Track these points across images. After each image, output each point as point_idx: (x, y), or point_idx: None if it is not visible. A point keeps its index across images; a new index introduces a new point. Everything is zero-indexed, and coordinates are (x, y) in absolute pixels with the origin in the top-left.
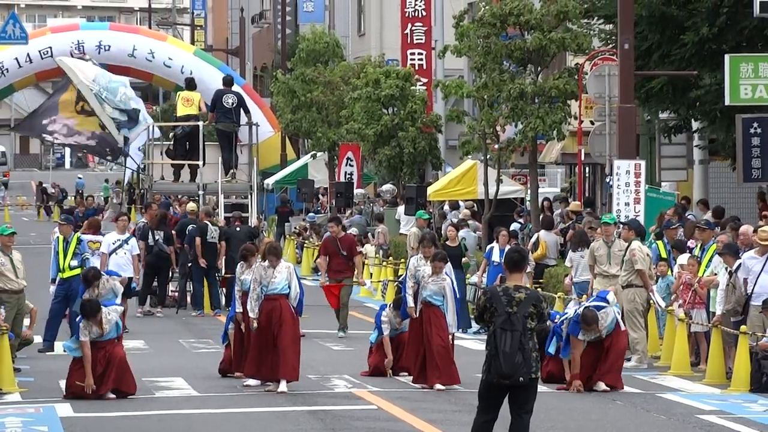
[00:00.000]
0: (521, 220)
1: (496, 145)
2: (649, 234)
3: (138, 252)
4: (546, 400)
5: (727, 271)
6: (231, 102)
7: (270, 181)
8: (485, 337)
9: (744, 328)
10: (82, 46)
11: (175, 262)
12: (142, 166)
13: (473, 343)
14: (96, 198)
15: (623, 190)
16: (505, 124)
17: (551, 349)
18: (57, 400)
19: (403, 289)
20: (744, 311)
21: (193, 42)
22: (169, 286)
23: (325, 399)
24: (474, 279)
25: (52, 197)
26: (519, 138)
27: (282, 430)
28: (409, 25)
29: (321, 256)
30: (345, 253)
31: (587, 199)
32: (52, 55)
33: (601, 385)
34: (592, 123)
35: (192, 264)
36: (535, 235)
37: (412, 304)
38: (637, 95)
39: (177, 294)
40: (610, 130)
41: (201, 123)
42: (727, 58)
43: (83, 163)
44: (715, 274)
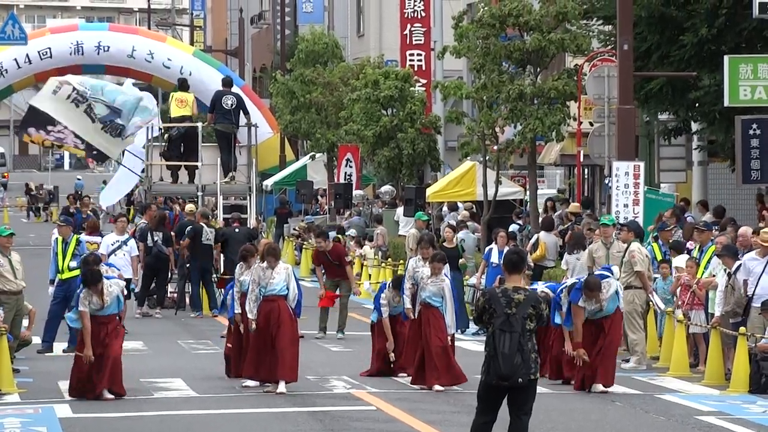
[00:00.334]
0: (520, 222)
1: (495, 147)
2: (648, 234)
3: (137, 253)
4: (545, 401)
5: (726, 272)
6: (230, 103)
7: (269, 183)
8: (484, 339)
9: (743, 330)
10: (81, 47)
11: (174, 264)
12: (142, 168)
13: (472, 345)
14: (93, 199)
15: (622, 192)
16: (504, 126)
17: (557, 320)
18: (56, 400)
19: (403, 316)
20: (745, 312)
21: (192, 43)
22: (168, 287)
23: (324, 400)
24: (473, 280)
25: (39, 198)
26: (518, 139)
27: (281, 430)
28: (408, 26)
29: (317, 266)
30: (337, 263)
31: (586, 199)
32: (51, 56)
33: (598, 386)
34: (591, 124)
35: (190, 265)
36: (535, 236)
37: (409, 305)
38: (636, 96)
39: (176, 295)
40: (609, 132)
41: (200, 124)
42: (726, 59)
43: (82, 165)
44: (714, 276)
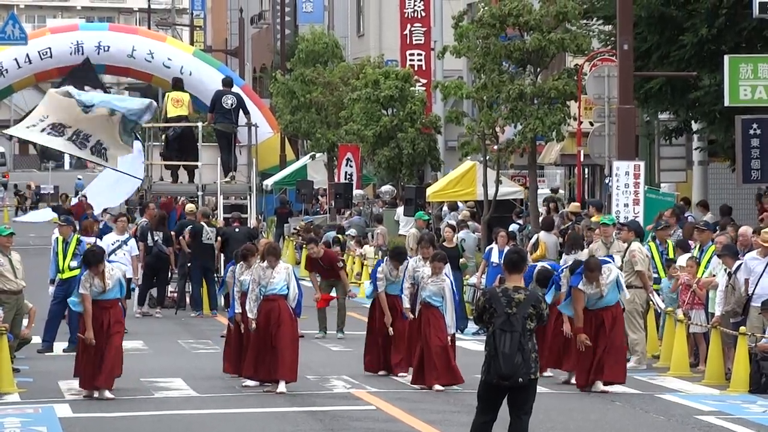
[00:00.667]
0: (520, 221)
1: (496, 146)
2: (648, 234)
3: (137, 253)
4: (545, 401)
5: (726, 272)
6: (230, 103)
7: (269, 182)
8: (484, 338)
9: (743, 329)
10: (82, 47)
11: (174, 263)
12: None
13: (472, 344)
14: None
15: (622, 191)
16: (504, 125)
17: (549, 298)
18: (56, 400)
19: (401, 291)
20: (744, 312)
21: (192, 43)
22: (168, 287)
23: (323, 399)
24: (473, 280)
25: (27, 198)
26: (518, 139)
27: (281, 430)
28: (409, 26)
29: (310, 272)
30: (329, 268)
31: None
32: (51, 56)
33: (599, 385)
34: (592, 124)
35: (191, 265)
36: (535, 236)
37: (408, 305)
38: (636, 96)
39: (176, 295)
40: (609, 131)
41: (199, 124)
42: (726, 59)
43: (82, 164)
44: (714, 275)
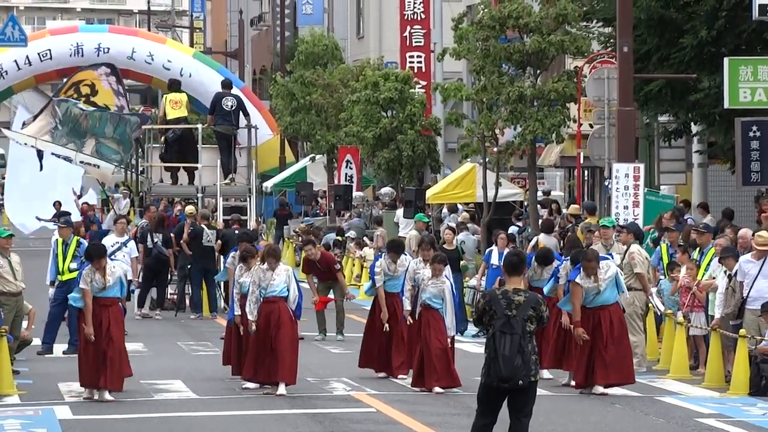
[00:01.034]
0: (520, 224)
1: (495, 148)
2: (647, 235)
3: (137, 255)
4: (545, 403)
5: (726, 274)
6: (230, 105)
7: (269, 184)
8: (483, 341)
9: (743, 332)
10: (81, 49)
11: (174, 265)
12: (141, 169)
13: (472, 346)
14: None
15: (622, 194)
16: (504, 127)
17: (545, 289)
18: (56, 402)
19: (402, 293)
20: (739, 315)
21: (192, 44)
22: (168, 288)
23: (323, 402)
24: (473, 282)
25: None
26: (518, 141)
27: None
28: (408, 28)
29: (307, 275)
30: (326, 270)
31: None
32: (51, 58)
33: (598, 388)
34: (591, 126)
35: (191, 267)
36: (535, 238)
37: (409, 307)
38: (636, 98)
39: (176, 297)
40: (609, 133)
41: (199, 126)
42: (726, 61)
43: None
44: (714, 278)
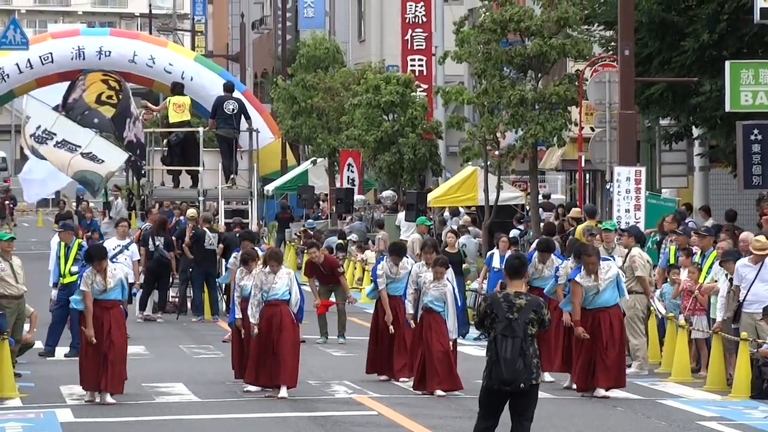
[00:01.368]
0: (521, 227)
1: (497, 152)
2: (648, 238)
3: (138, 258)
4: (547, 407)
5: (728, 278)
6: (231, 108)
7: (270, 188)
8: (485, 344)
9: (744, 335)
10: (83, 52)
11: (176, 268)
12: (143, 172)
13: (473, 350)
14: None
15: (623, 197)
16: (505, 131)
17: (546, 288)
18: (58, 405)
19: (404, 297)
20: (735, 318)
21: (193, 48)
22: (170, 291)
23: (325, 405)
24: (474, 285)
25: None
26: (519, 144)
27: None
28: (410, 31)
29: (309, 278)
30: (329, 273)
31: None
32: (52, 61)
33: (600, 391)
34: (593, 129)
35: (192, 270)
36: (536, 241)
37: (411, 311)
38: (637, 102)
39: (177, 300)
40: (610, 137)
41: (201, 129)
42: (727, 64)
43: None
44: (716, 281)
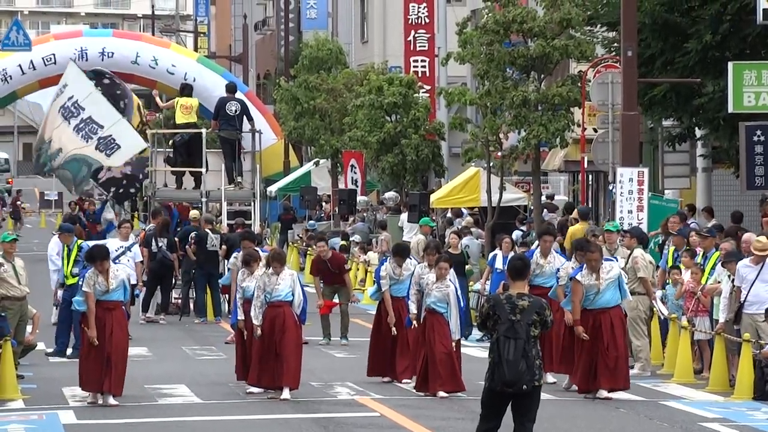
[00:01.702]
0: (524, 228)
1: (499, 153)
2: (650, 240)
3: (141, 259)
4: (549, 408)
5: (731, 279)
6: (234, 109)
7: (273, 189)
8: (488, 345)
9: (747, 336)
10: (86, 53)
11: (178, 270)
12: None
13: (476, 351)
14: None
15: (626, 198)
16: (508, 132)
17: (550, 292)
18: (60, 407)
19: (407, 298)
20: (736, 320)
21: (196, 49)
22: (172, 293)
23: (327, 406)
24: (477, 286)
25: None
26: (522, 145)
27: None
28: (412, 32)
29: (314, 277)
30: (336, 271)
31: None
32: (55, 62)
33: (602, 392)
34: (595, 130)
35: (195, 271)
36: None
37: (415, 311)
38: (640, 103)
39: (180, 301)
40: (613, 138)
41: (204, 131)
42: (730, 65)
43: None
44: (719, 282)
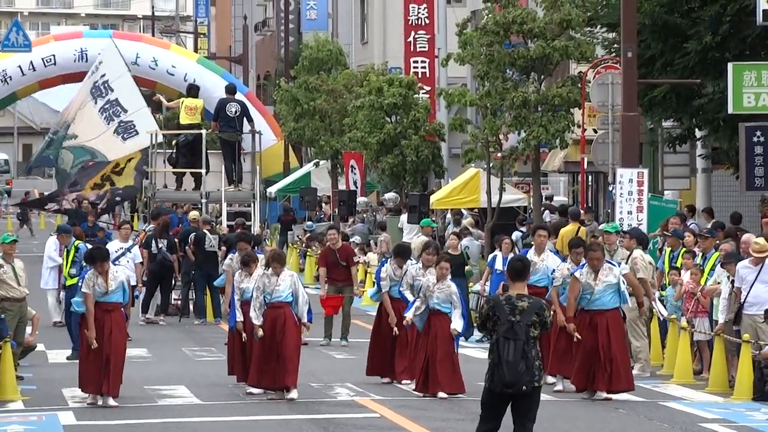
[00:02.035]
0: (523, 229)
1: (499, 154)
2: (650, 240)
3: (140, 260)
4: (549, 409)
5: (730, 279)
6: (234, 111)
7: (273, 190)
8: (488, 346)
9: (746, 337)
10: (86, 54)
11: (178, 271)
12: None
13: (476, 352)
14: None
15: (626, 199)
16: (508, 133)
17: (548, 294)
18: (60, 408)
19: (409, 303)
20: (736, 320)
21: (196, 50)
22: (172, 294)
23: (327, 407)
24: (477, 287)
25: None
26: (522, 146)
27: None
28: (413, 33)
29: (320, 267)
30: (344, 263)
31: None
32: (55, 63)
33: (602, 393)
34: (595, 131)
35: (195, 272)
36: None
37: (411, 317)
38: (640, 103)
39: (180, 302)
40: (613, 139)
41: (204, 132)
42: (730, 66)
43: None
44: (719, 283)
